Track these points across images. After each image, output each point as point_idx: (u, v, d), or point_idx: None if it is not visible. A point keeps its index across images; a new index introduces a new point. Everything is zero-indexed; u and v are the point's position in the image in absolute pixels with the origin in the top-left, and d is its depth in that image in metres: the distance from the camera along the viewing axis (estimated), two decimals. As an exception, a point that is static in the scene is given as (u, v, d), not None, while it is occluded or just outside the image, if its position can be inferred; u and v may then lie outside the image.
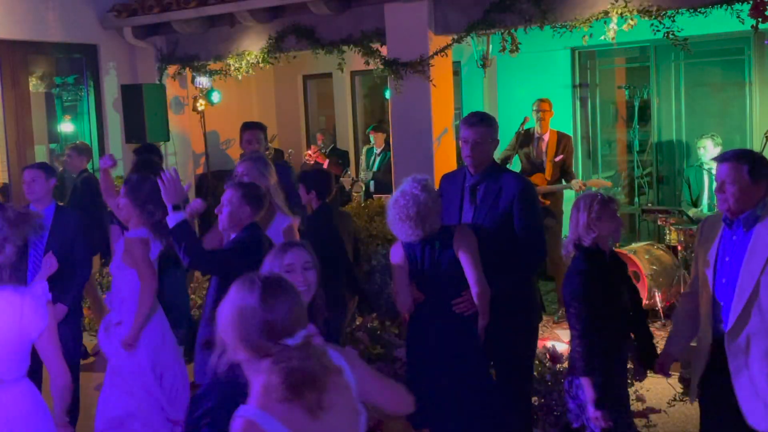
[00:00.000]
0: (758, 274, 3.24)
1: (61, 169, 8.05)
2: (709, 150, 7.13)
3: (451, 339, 3.83)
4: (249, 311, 2.08)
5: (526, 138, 7.30)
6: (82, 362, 5.34)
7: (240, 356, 2.11)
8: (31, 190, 4.86)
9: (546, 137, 7.22)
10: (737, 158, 3.31)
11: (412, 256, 3.86)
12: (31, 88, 8.23)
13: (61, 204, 5.25)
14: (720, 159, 3.41)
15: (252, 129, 6.11)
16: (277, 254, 2.91)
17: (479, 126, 4.12)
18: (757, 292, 3.25)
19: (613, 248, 3.73)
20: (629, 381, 4.60)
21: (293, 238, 4.59)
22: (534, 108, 7.28)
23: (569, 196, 8.58)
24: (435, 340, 3.84)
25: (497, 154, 7.47)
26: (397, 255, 3.91)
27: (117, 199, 4.81)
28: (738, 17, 5.40)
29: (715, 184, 3.42)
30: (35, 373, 3.42)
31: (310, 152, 10.11)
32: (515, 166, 7.14)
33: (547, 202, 7.10)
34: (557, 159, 7.17)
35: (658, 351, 3.79)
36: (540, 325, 6.86)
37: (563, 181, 7.32)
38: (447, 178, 4.49)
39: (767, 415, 3.30)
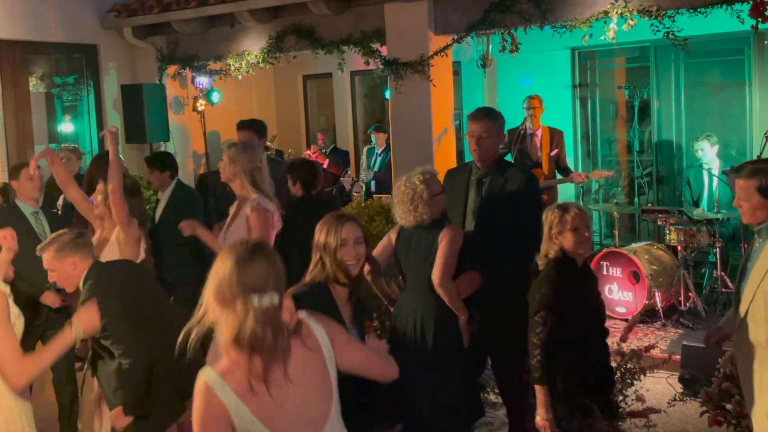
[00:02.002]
0: (758, 283, 3.23)
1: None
2: (707, 151, 7.14)
3: (429, 330, 3.85)
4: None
5: (518, 135, 7.35)
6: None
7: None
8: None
9: (539, 133, 7.31)
10: (749, 175, 3.33)
11: (406, 238, 4.00)
12: (31, 88, 8.22)
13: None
14: (735, 171, 3.43)
15: (242, 129, 6.03)
16: (332, 227, 3.16)
17: (484, 120, 4.28)
18: (756, 301, 3.24)
19: (585, 260, 3.61)
20: (629, 381, 4.61)
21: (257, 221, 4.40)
22: (524, 105, 7.38)
23: (567, 192, 8.63)
24: (413, 329, 3.87)
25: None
26: (393, 233, 4.10)
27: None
28: (738, 17, 5.39)
29: (714, 183, 3.43)
30: None
31: (310, 152, 10.11)
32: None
33: (546, 197, 7.13)
34: (552, 153, 7.25)
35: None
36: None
37: (558, 176, 7.38)
38: (452, 172, 4.63)
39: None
